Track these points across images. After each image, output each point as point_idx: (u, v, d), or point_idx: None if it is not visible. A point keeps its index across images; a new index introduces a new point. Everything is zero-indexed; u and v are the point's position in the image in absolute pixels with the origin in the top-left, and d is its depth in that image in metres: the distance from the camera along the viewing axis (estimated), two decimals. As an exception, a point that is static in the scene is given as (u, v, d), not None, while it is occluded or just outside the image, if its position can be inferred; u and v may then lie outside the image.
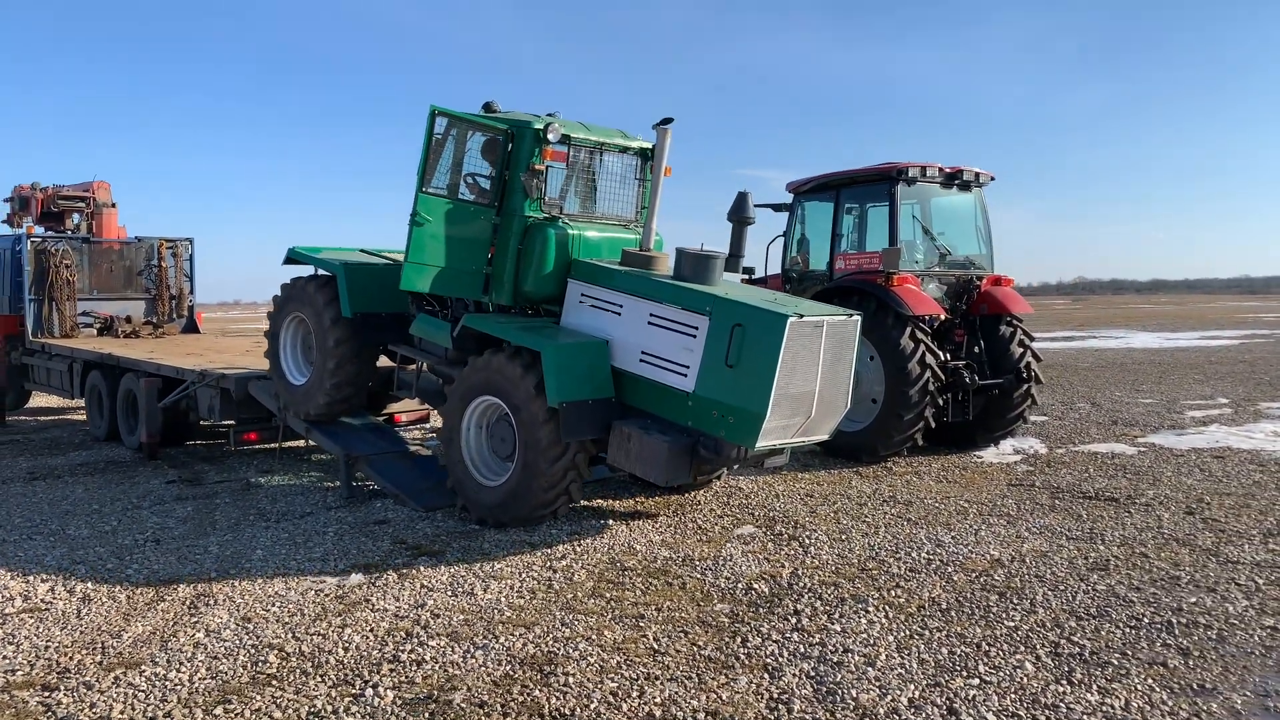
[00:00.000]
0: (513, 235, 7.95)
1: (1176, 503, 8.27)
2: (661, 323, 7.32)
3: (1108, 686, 4.59)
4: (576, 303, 7.94)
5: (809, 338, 6.88)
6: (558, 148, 7.93)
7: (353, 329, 8.88)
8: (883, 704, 4.43)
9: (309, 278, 9.43)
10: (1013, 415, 10.95)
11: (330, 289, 8.96)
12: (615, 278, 7.73)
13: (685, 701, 4.48)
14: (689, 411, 7.09)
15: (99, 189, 15.74)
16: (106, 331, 14.75)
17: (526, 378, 7.29)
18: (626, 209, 8.67)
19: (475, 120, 7.89)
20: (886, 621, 5.50)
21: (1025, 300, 11.04)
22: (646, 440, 7.10)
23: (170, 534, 7.71)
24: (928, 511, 8.14)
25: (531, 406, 7.26)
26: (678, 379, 7.15)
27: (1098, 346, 29.44)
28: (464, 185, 8.03)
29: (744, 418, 6.76)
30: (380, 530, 7.73)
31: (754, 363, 6.71)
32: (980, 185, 11.22)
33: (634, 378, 7.43)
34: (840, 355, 7.21)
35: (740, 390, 6.77)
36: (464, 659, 4.99)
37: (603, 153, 8.43)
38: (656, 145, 8.07)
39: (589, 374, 7.40)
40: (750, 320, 6.81)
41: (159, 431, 11.23)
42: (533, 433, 7.29)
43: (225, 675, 4.82)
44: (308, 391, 9.23)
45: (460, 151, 7.95)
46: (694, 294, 7.23)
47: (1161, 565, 6.49)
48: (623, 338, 7.52)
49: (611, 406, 7.46)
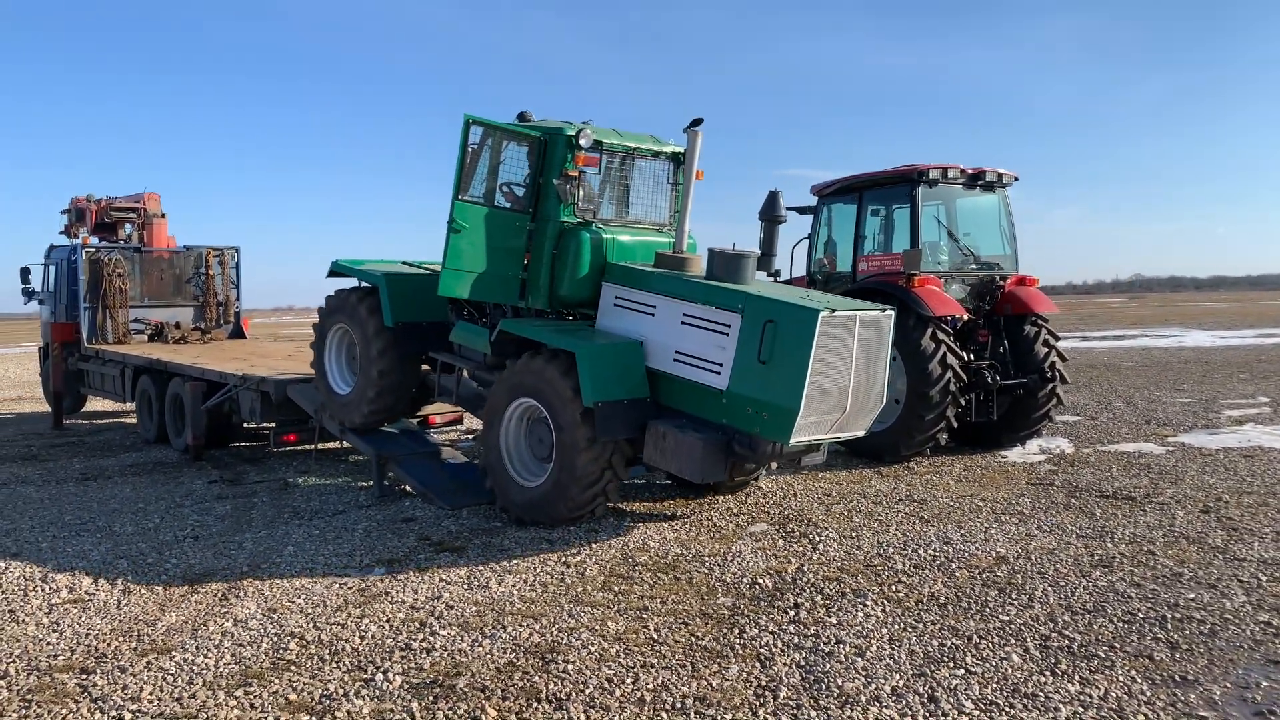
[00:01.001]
0: (547, 240, 8.14)
1: (1194, 501, 8.27)
2: (694, 322, 7.47)
3: (1090, 678, 4.70)
4: (611, 305, 8.12)
5: (841, 333, 6.97)
6: (590, 153, 8.11)
7: (395, 338, 9.11)
8: (866, 692, 4.59)
9: (352, 289, 9.70)
10: (1038, 415, 10.97)
11: (373, 300, 9.21)
12: (648, 279, 7.89)
13: (676, 688, 4.69)
14: (723, 409, 7.21)
15: (149, 200, 16.35)
16: (157, 337, 15.33)
17: (562, 379, 7.46)
18: (660, 213, 8.84)
19: (509, 128, 8.09)
20: (882, 615, 5.65)
21: (1050, 300, 11.03)
22: (681, 438, 7.24)
23: (209, 530, 8.09)
24: (941, 509, 8.24)
25: (568, 407, 7.41)
26: (711, 377, 7.27)
27: (1146, 345, 29.00)
28: (500, 193, 8.23)
29: (777, 413, 6.86)
30: (407, 528, 8.03)
31: (786, 358, 6.81)
32: (1004, 186, 11.25)
33: (668, 377, 7.58)
34: (875, 350, 7.28)
35: (773, 386, 6.88)
36: (471, 647, 5.25)
37: (635, 158, 8.60)
38: (687, 148, 8.20)
39: (623, 374, 7.55)
40: (782, 316, 6.92)
41: (203, 433, 11.71)
42: (569, 433, 7.44)
43: (248, 661, 5.13)
44: (353, 400, 9.49)
45: (495, 159, 8.15)
46: (726, 292, 7.35)
47: (1166, 562, 6.54)
48: (657, 338, 7.68)
49: (646, 406, 7.61)
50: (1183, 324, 41.80)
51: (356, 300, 9.42)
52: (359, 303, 9.36)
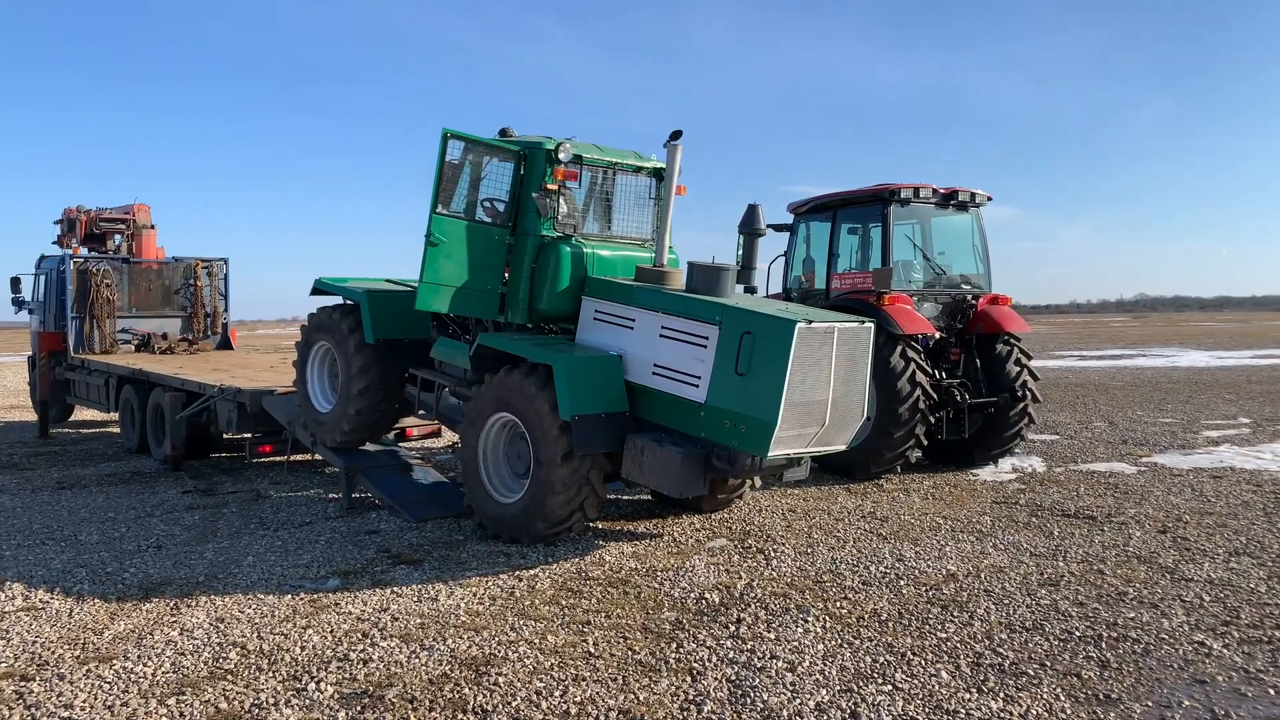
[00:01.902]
0: (527, 254, 8.13)
1: (1154, 521, 8.29)
2: (673, 334, 7.44)
3: (1014, 695, 4.73)
4: (591, 319, 8.10)
5: (820, 345, 6.91)
6: (570, 168, 8.14)
7: (376, 355, 9.13)
8: (789, 707, 4.63)
9: (334, 307, 9.70)
10: (1010, 434, 10.99)
11: (354, 317, 9.22)
12: (627, 293, 7.88)
13: (603, 701, 4.73)
14: (701, 422, 7.16)
15: (139, 211, 16.50)
16: (144, 348, 15.45)
17: (540, 393, 7.43)
18: (643, 228, 8.85)
19: (488, 142, 8.09)
20: (821, 631, 5.69)
21: (1022, 319, 11.08)
22: (660, 452, 7.16)
23: (173, 540, 8.15)
24: (901, 527, 8.27)
25: (545, 421, 7.38)
26: (690, 390, 7.23)
27: (1140, 365, 28.99)
28: (481, 208, 8.25)
29: (755, 426, 6.78)
30: (369, 540, 8.09)
31: (764, 370, 6.76)
32: (977, 205, 11.31)
33: (647, 391, 7.55)
34: (854, 363, 7.21)
35: (751, 399, 6.82)
36: (408, 659, 5.29)
37: (616, 173, 8.63)
38: (667, 162, 8.17)
39: (602, 388, 7.52)
40: (759, 328, 6.87)
41: (183, 444, 11.79)
42: (546, 448, 7.40)
43: (186, 669, 5.18)
44: (334, 418, 9.47)
45: (475, 174, 8.17)
46: (704, 304, 7.32)
47: (1113, 581, 6.57)
48: (636, 351, 7.66)
49: (625, 420, 7.56)
50: (1182, 344, 41.75)
51: (338, 318, 9.42)
52: (341, 320, 9.37)
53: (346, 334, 9.23)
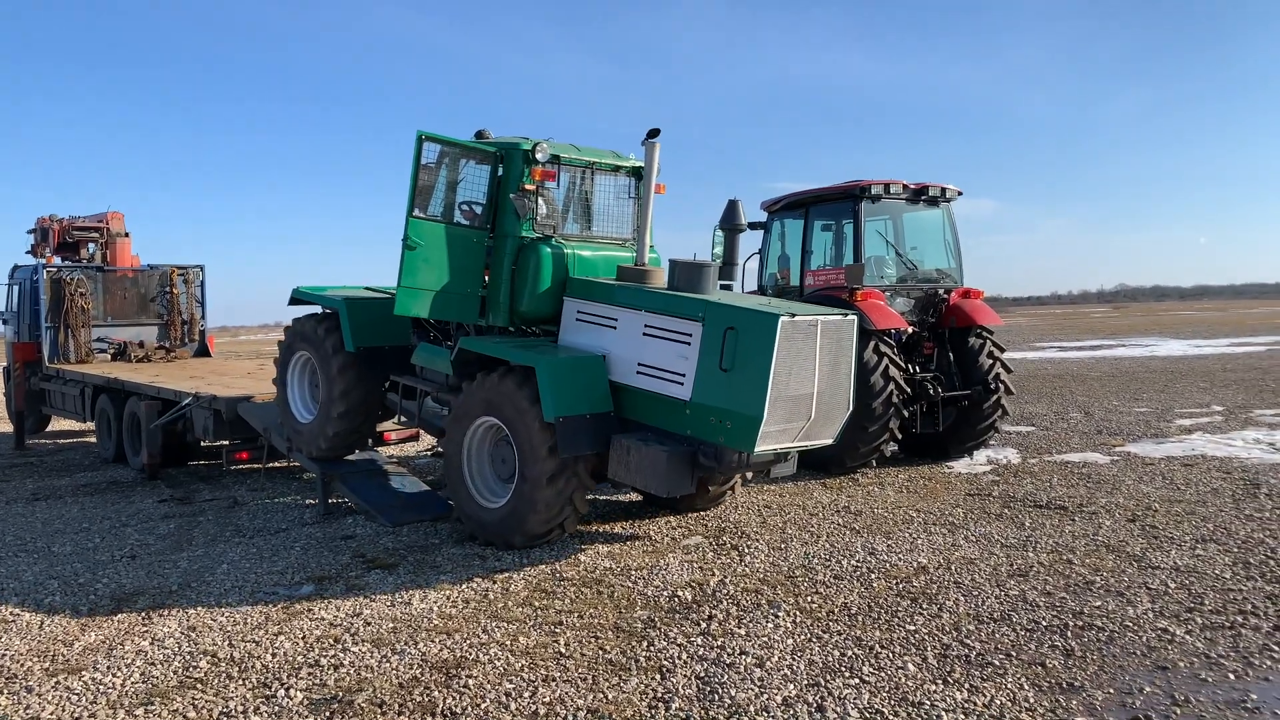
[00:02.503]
0: (506, 256, 8.05)
1: (1124, 510, 8.38)
2: (656, 333, 7.38)
3: (979, 686, 4.78)
4: (573, 320, 8.04)
5: (803, 338, 6.87)
6: (548, 167, 8.07)
7: (357, 364, 9.04)
8: (756, 702, 4.67)
9: (312, 315, 9.62)
10: (983, 426, 11.08)
11: (334, 325, 9.14)
12: (610, 292, 7.81)
13: (572, 701, 4.75)
14: (687, 420, 7.10)
15: (113, 219, 16.41)
16: (120, 357, 15.36)
17: (524, 395, 7.36)
18: (623, 228, 8.79)
19: (464, 144, 8.00)
20: (791, 626, 5.73)
21: (994, 312, 11.16)
22: (646, 451, 7.10)
23: (148, 550, 8.13)
24: (874, 520, 8.33)
25: (529, 424, 7.31)
26: (675, 388, 7.17)
27: (1119, 355, 29.20)
28: (459, 211, 8.16)
29: (741, 422, 6.74)
30: (344, 545, 8.08)
31: (748, 365, 6.71)
32: (948, 200, 11.40)
33: (632, 390, 7.48)
34: (839, 355, 7.19)
35: (736, 394, 6.77)
36: (379, 663, 5.31)
37: (595, 173, 8.58)
38: (645, 160, 8.06)
39: (586, 388, 7.44)
40: (742, 323, 6.82)
41: (159, 452, 11.74)
42: (531, 450, 7.33)
43: (156, 679, 5.18)
44: (316, 427, 9.37)
45: (452, 176, 8.09)
46: (687, 301, 7.27)
47: (1081, 571, 6.64)
48: (619, 351, 7.60)
49: (610, 421, 7.49)
50: (1160, 333, 42.06)
51: (318, 327, 9.32)
52: (320, 329, 9.26)
53: (326, 343, 9.14)
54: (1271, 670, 4.91)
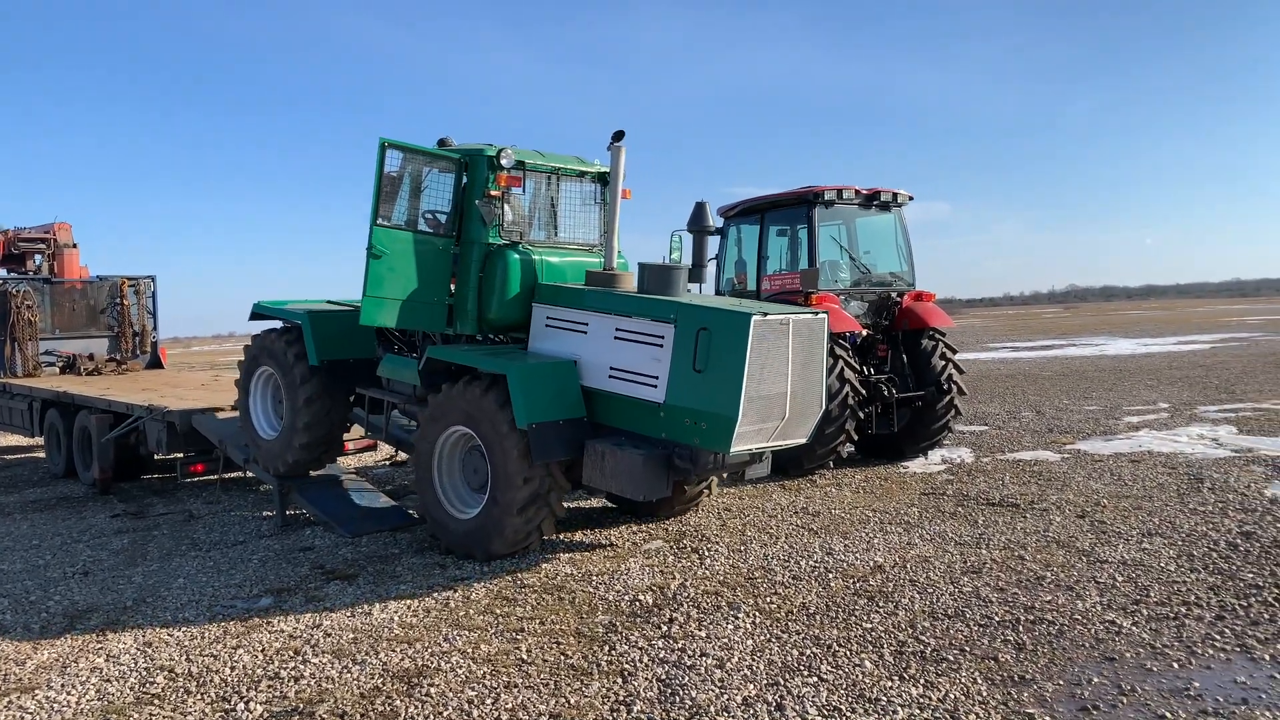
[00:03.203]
0: (473, 263, 7.98)
1: (1074, 506, 8.58)
2: (628, 336, 7.34)
3: (934, 681, 4.89)
4: (543, 327, 7.98)
5: (775, 337, 6.85)
6: (513, 173, 8.01)
7: (322, 380, 8.90)
8: (716, 703, 4.73)
9: (276, 330, 9.45)
10: (937, 426, 11.27)
11: (297, 339, 9.01)
12: (579, 297, 7.77)
13: (534, 706, 4.78)
14: (661, 423, 7.07)
15: (60, 230, 16.14)
16: (69, 370, 15.09)
17: (495, 403, 7.26)
18: (590, 234, 8.73)
19: (427, 151, 7.90)
20: (751, 626, 5.80)
21: (946, 314, 11.36)
22: (621, 455, 7.03)
23: (101, 566, 8.01)
24: (832, 521, 8.44)
25: (501, 431, 7.21)
26: (648, 391, 7.13)
27: (1069, 355, 29.77)
28: (423, 220, 8.06)
29: (716, 422, 6.71)
30: (303, 556, 8.02)
31: (722, 365, 6.69)
32: (899, 205, 11.58)
33: (605, 395, 7.42)
34: (810, 355, 7.16)
35: (710, 395, 6.74)
36: (340, 674, 5.29)
37: (560, 178, 8.52)
38: (611, 164, 8.02)
39: (558, 394, 7.38)
40: (714, 323, 6.80)
41: (110, 466, 11.55)
42: (504, 458, 7.22)
43: (112, 696, 5.12)
44: (281, 444, 9.19)
45: (416, 183, 7.98)
46: (658, 304, 7.24)
47: (1033, 567, 6.79)
48: (591, 356, 7.54)
49: (583, 426, 7.43)
50: (1110, 333, 42.93)
51: (280, 341, 9.18)
52: (282, 342, 9.13)
53: (290, 357, 8.98)
54: (1213, 659, 5.07)
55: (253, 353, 9.60)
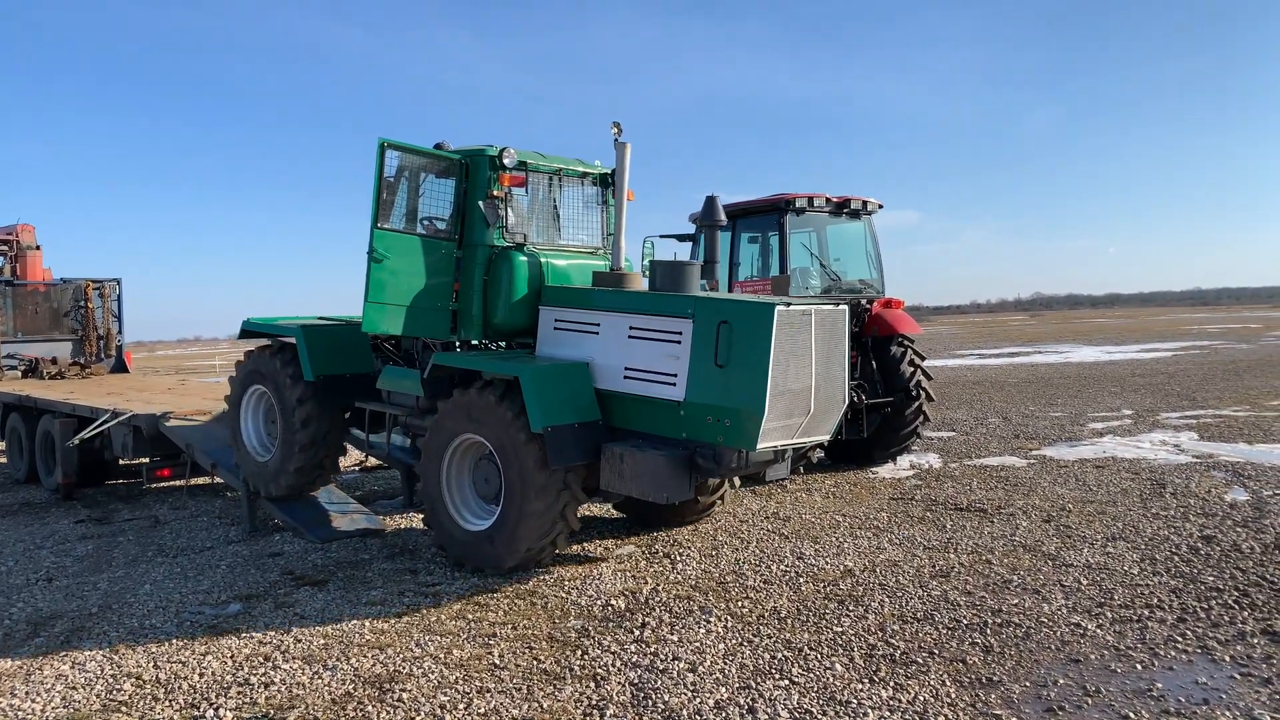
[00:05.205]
0: (477, 266, 7.74)
1: (1040, 511, 8.70)
2: (643, 334, 7.10)
3: (904, 683, 4.95)
4: (551, 330, 7.73)
5: (799, 328, 6.64)
6: (515, 173, 7.84)
7: (317, 394, 8.56)
8: (689, 706, 4.76)
9: (268, 348, 9.10)
10: (906, 432, 11.37)
11: (290, 356, 8.71)
12: (589, 297, 7.55)
13: (507, 711, 4.78)
14: (682, 422, 6.80)
15: (23, 232, 15.92)
16: (31, 373, 14.85)
17: (507, 408, 7.01)
18: (593, 236, 8.55)
19: (428, 152, 7.64)
20: (723, 631, 5.84)
21: (914, 321, 11.48)
22: (641, 456, 6.74)
23: (65, 572, 7.90)
24: (802, 526, 8.51)
25: (515, 437, 6.94)
26: (666, 389, 6.87)
27: (1035, 362, 30.15)
28: (422, 225, 7.84)
29: (741, 419, 6.48)
30: (272, 562, 7.96)
31: (745, 359, 6.46)
32: (869, 213, 11.70)
33: (620, 397, 7.16)
34: (833, 347, 6.96)
35: (734, 390, 6.50)
36: (311, 680, 5.26)
37: (562, 180, 8.33)
38: (616, 162, 7.85)
39: (572, 396, 7.12)
40: (736, 315, 6.58)
41: (75, 472, 11.38)
42: (518, 465, 6.95)
43: (77, 704, 5.06)
44: (276, 465, 8.85)
45: (416, 185, 7.78)
46: (674, 299, 7.05)
47: (1000, 570, 6.89)
48: (604, 357, 7.29)
49: (599, 429, 7.15)
50: (1075, 340, 43.53)
51: (272, 358, 8.89)
52: (277, 361, 8.83)
53: (283, 374, 8.65)
54: (1175, 660, 5.17)
55: (243, 372, 9.29)
